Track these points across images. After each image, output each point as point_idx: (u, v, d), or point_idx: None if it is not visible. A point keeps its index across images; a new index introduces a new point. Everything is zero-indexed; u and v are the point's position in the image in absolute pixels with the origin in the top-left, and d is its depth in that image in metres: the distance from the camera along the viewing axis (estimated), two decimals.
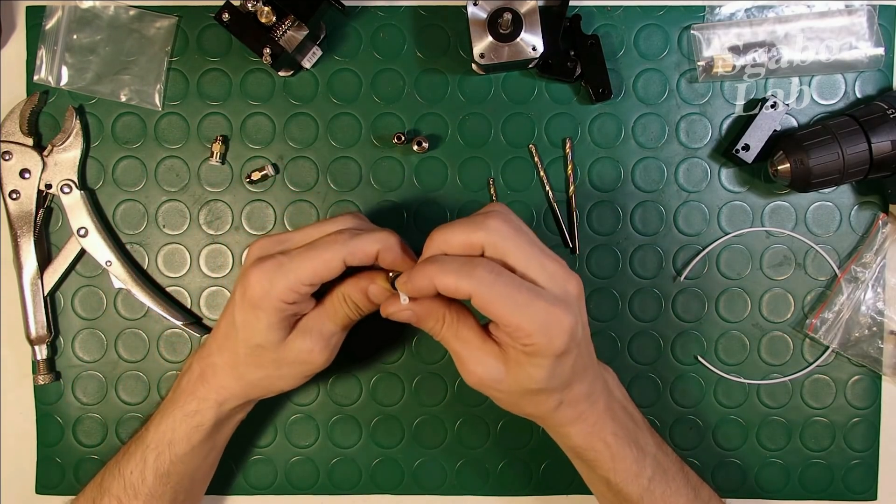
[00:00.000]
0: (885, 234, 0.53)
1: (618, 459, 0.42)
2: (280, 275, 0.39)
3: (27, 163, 0.52)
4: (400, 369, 0.54)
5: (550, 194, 0.53)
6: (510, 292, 0.36)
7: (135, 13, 0.53)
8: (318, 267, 0.39)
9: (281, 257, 0.40)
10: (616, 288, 0.54)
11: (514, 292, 0.36)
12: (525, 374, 0.38)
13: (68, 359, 0.54)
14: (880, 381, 0.54)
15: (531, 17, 0.48)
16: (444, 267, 0.37)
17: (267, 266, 0.39)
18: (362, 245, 0.40)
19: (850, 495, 0.54)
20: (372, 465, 0.55)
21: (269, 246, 0.41)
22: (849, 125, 0.49)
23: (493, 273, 0.36)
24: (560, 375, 0.39)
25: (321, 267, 0.39)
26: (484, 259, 0.37)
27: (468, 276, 0.36)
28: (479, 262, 0.37)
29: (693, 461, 0.54)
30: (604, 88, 0.52)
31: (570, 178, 0.53)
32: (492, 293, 0.36)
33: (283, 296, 0.39)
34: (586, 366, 0.41)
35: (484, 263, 0.37)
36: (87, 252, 0.53)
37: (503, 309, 0.36)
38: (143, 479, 0.45)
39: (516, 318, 0.36)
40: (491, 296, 0.36)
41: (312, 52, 0.52)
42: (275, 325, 0.41)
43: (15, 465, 0.55)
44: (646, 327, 0.54)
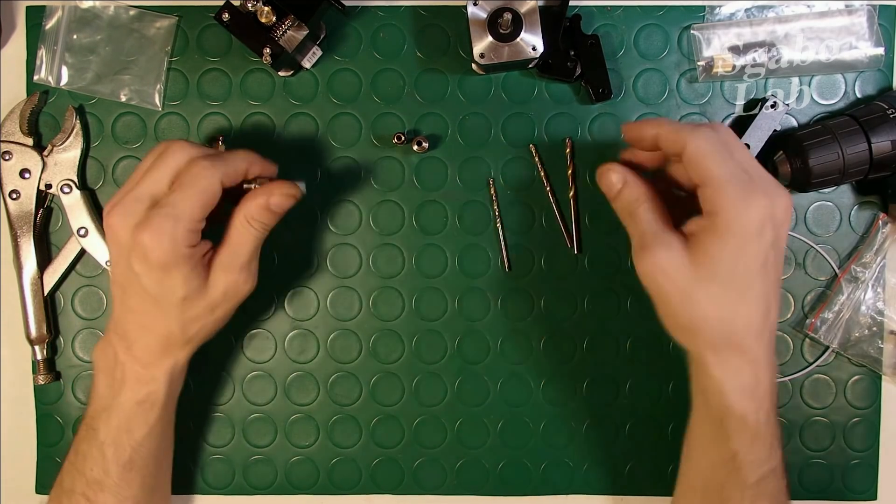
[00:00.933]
0: (885, 234, 0.53)
1: (757, 441, 0.40)
2: (172, 223, 0.40)
3: (27, 163, 0.52)
4: (400, 369, 0.54)
5: (551, 194, 0.53)
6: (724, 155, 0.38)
7: (135, 13, 0.53)
8: (203, 198, 0.41)
9: (163, 209, 0.40)
10: (616, 288, 0.54)
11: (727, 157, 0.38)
12: (706, 255, 0.38)
13: (68, 359, 0.54)
14: (880, 381, 0.54)
15: (531, 17, 0.48)
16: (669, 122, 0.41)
17: (155, 222, 0.40)
18: (233, 165, 0.42)
19: (850, 495, 0.54)
20: (372, 465, 0.55)
21: (132, 207, 0.41)
22: (849, 125, 0.49)
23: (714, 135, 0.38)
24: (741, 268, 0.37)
25: (206, 197, 0.41)
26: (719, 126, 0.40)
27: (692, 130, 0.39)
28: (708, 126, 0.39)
29: None
30: (604, 88, 0.52)
31: (571, 178, 0.53)
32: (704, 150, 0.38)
33: (186, 240, 0.40)
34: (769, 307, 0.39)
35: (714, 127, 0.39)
36: (87, 252, 0.53)
37: (710, 166, 0.37)
38: (107, 472, 0.44)
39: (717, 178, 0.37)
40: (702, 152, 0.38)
41: (312, 52, 0.52)
42: (190, 273, 0.41)
43: (15, 465, 0.55)
44: (646, 327, 0.54)
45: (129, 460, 0.45)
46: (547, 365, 0.54)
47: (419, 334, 0.54)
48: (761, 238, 0.37)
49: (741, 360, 0.39)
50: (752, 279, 0.38)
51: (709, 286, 0.38)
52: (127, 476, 0.45)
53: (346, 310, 0.54)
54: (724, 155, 0.38)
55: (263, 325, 0.54)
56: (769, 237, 0.37)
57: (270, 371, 0.55)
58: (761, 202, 0.37)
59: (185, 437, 0.53)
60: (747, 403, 0.40)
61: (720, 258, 0.37)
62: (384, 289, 0.54)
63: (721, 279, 0.38)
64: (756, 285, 0.38)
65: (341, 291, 0.54)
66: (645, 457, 0.54)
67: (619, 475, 0.54)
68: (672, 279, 0.39)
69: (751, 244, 0.37)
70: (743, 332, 0.39)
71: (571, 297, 0.54)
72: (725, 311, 0.38)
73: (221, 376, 0.54)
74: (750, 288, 0.38)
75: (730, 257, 0.37)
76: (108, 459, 0.44)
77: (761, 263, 0.38)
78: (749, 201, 0.37)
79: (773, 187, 0.38)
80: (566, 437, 0.55)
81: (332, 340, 0.54)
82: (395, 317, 0.54)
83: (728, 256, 0.37)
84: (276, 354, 0.54)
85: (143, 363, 0.44)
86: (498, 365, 0.54)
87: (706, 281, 0.38)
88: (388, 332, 0.54)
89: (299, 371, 0.54)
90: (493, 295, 0.54)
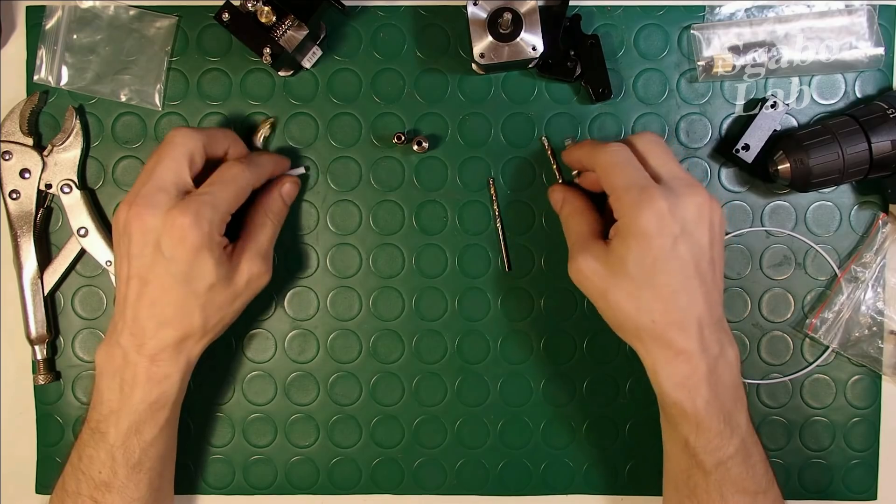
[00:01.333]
0: (885, 234, 0.53)
1: (702, 428, 0.42)
2: (211, 209, 0.42)
3: (27, 163, 0.52)
4: (400, 369, 0.54)
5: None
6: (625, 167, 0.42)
7: (135, 13, 0.53)
8: (238, 196, 0.45)
9: (202, 195, 0.43)
10: None
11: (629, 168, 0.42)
12: (617, 257, 0.42)
13: (68, 359, 0.54)
14: (880, 381, 0.54)
15: (531, 17, 0.48)
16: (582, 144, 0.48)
17: (194, 206, 0.42)
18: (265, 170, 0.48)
19: (850, 495, 0.54)
20: (372, 465, 0.55)
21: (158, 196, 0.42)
22: (849, 125, 0.49)
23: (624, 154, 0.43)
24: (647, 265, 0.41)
25: (240, 195, 0.45)
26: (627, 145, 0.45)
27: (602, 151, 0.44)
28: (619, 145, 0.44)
29: None
30: (604, 88, 0.52)
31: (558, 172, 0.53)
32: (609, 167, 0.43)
33: (218, 229, 0.43)
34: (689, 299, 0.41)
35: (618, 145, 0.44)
36: (87, 252, 0.53)
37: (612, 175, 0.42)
38: (115, 474, 0.44)
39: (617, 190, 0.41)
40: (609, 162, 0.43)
41: (312, 52, 0.52)
42: (219, 259, 0.43)
43: (15, 465, 0.55)
44: None
45: (139, 462, 0.45)
46: (547, 365, 0.54)
47: (419, 334, 0.54)
48: (662, 236, 0.40)
49: (668, 352, 0.42)
50: (660, 275, 0.41)
51: (621, 284, 0.42)
52: (135, 477, 0.45)
53: (346, 310, 0.54)
54: (627, 166, 0.42)
55: (263, 325, 0.54)
56: (671, 234, 0.40)
57: (270, 371, 0.55)
58: (657, 204, 0.40)
59: (186, 437, 0.53)
60: (680, 392, 0.42)
61: (627, 258, 0.41)
62: (384, 289, 0.54)
63: (632, 277, 0.41)
64: (667, 280, 0.41)
65: (341, 291, 0.54)
66: (645, 457, 0.54)
67: (619, 475, 0.54)
68: (591, 281, 0.43)
69: (652, 242, 0.40)
70: (663, 324, 0.41)
71: (571, 297, 0.54)
72: (640, 306, 0.41)
73: (221, 376, 0.54)
74: (660, 283, 0.41)
75: (635, 256, 0.41)
76: (118, 462, 0.44)
77: (669, 259, 0.40)
78: (643, 205, 0.40)
79: (682, 188, 0.41)
80: (566, 437, 0.55)
81: (332, 340, 0.54)
82: (395, 317, 0.54)
83: (633, 256, 0.41)
84: (276, 354, 0.54)
85: (157, 361, 0.44)
86: (498, 365, 0.54)
87: (619, 279, 0.42)
88: (388, 332, 0.54)
89: (299, 371, 0.54)
90: (493, 295, 0.54)
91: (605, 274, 0.42)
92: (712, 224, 0.42)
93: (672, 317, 0.41)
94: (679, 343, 0.41)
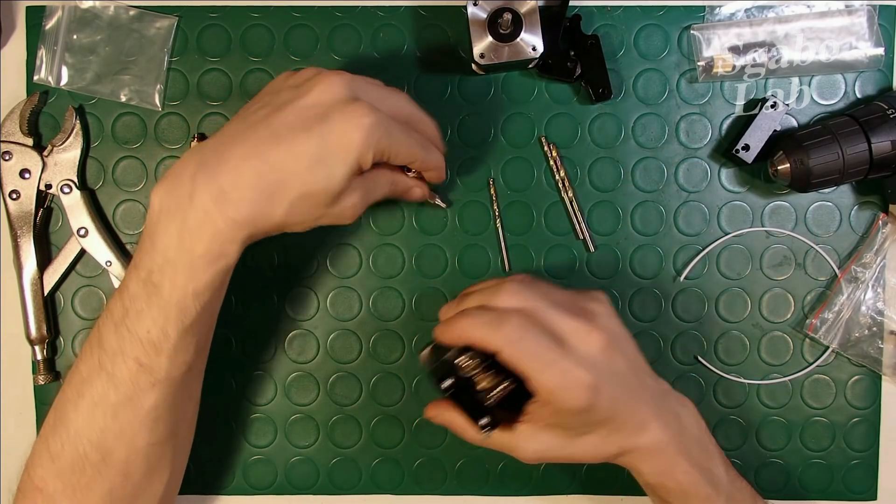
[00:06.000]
0: (885, 234, 0.53)
1: (690, 497, 0.43)
2: (386, 132, 0.39)
3: (27, 163, 0.52)
4: (400, 369, 0.54)
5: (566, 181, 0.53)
6: (536, 350, 0.39)
7: (135, 13, 0.53)
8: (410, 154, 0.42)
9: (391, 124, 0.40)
10: (616, 288, 0.54)
11: (540, 351, 0.39)
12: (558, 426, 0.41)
13: (68, 359, 0.54)
14: (880, 381, 0.54)
15: (531, 17, 0.48)
16: (474, 321, 0.40)
17: (380, 119, 0.39)
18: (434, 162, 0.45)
19: (850, 495, 0.54)
20: (372, 465, 0.55)
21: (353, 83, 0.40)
22: (849, 125, 0.49)
23: (520, 329, 0.38)
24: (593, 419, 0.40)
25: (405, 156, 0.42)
26: (515, 314, 0.39)
27: (497, 330, 0.39)
28: (509, 317, 0.39)
29: None
30: (604, 88, 0.52)
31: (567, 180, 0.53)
32: (518, 351, 0.38)
33: (376, 156, 0.40)
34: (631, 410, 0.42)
35: (513, 319, 0.39)
36: (87, 252, 0.53)
37: (528, 366, 0.38)
38: (166, 335, 0.39)
39: (542, 377, 0.38)
40: (517, 353, 0.38)
41: None
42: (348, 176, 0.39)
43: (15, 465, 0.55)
44: (646, 327, 0.54)
45: (192, 323, 0.40)
46: None
47: (419, 334, 0.54)
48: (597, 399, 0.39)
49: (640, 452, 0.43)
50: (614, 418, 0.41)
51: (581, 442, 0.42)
52: (185, 339, 0.40)
53: (346, 310, 0.54)
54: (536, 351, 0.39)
55: (263, 325, 0.54)
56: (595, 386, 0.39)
57: (270, 371, 0.55)
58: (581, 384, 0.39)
59: None
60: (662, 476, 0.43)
61: (573, 425, 0.41)
62: (384, 289, 0.54)
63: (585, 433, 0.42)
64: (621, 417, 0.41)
65: (341, 291, 0.54)
66: None
67: (620, 475, 0.54)
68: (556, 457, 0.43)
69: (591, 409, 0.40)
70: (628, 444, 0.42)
71: None
72: (606, 445, 0.42)
73: (221, 377, 0.54)
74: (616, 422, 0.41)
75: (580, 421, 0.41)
76: (170, 321, 0.39)
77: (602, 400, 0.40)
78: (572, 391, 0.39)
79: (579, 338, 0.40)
80: None
81: (332, 340, 0.54)
82: (395, 317, 0.54)
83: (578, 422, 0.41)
84: (276, 354, 0.54)
85: (228, 218, 0.38)
86: None
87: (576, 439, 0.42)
88: (388, 332, 0.54)
89: (299, 371, 0.55)
90: None
91: (561, 444, 0.42)
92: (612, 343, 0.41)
93: (630, 428, 0.42)
94: (644, 440, 0.42)
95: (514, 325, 0.39)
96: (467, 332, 0.40)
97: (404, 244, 0.54)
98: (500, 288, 0.41)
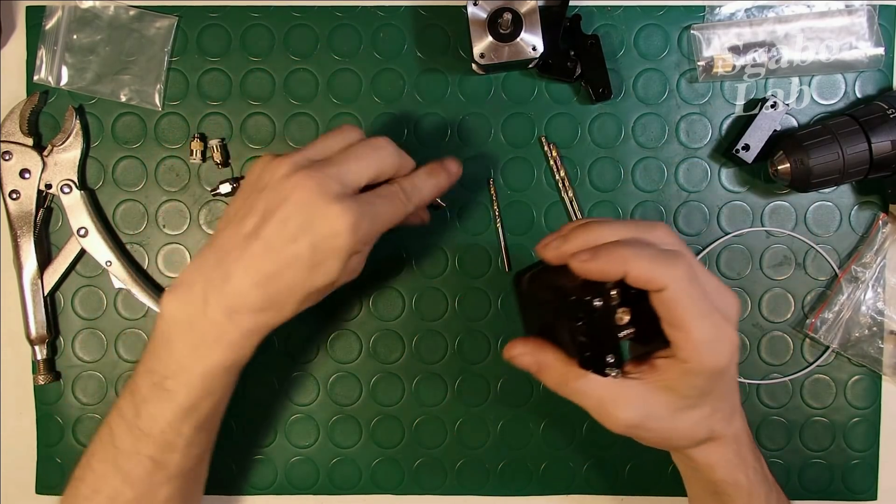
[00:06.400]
0: (885, 234, 0.53)
1: (753, 496, 0.42)
2: (367, 223, 0.39)
3: (27, 163, 0.52)
4: (400, 369, 0.54)
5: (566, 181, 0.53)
6: (699, 296, 0.35)
7: (135, 13, 0.53)
8: (396, 217, 0.42)
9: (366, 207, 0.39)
10: None
11: (701, 298, 0.35)
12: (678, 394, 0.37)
13: (68, 359, 0.54)
14: (880, 381, 0.54)
15: (531, 17, 0.48)
16: (640, 252, 0.34)
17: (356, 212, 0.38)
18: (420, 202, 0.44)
19: (850, 495, 0.54)
20: (372, 465, 0.55)
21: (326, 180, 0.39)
22: (849, 125, 0.49)
23: (690, 271, 0.35)
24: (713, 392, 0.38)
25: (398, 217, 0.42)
26: (682, 254, 0.36)
27: (671, 266, 0.34)
28: (681, 256, 0.35)
29: None
30: (604, 88, 0.52)
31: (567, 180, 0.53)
32: (683, 293, 0.34)
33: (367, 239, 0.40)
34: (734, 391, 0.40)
35: (685, 259, 0.35)
36: (87, 252, 0.53)
37: (687, 312, 0.35)
38: (180, 434, 0.42)
39: (695, 325, 0.35)
40: (680, 296, 0.34)
41: None
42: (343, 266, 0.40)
43: (15, 465, 0.55)
44: None
45: (205, 420, 0.42)
46: None
47: (419, 334, 0.54)
48: (732, 365, 0.37)
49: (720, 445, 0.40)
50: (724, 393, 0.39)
51: (685, 416, 0.38)
52: (198, 436, 0.43)
53: (346, 310, 0.54)
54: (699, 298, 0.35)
55: None
56: (736, 357, 0.37)
57: (270, 372, 0.54)
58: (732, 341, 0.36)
59: None
60: (736, 471, 0.41)
61: (692, 394, 0.37)
62: (384, 289, 0.54)
63: (695, 406, 0.38)
64: (727, 394, 0.39)
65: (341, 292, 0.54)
66: (645, 457, 0.54)
67: (619, 475, 0.54)
68: (650, 429, 0.38)
69: (723, 375, 0.37)
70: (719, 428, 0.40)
71: None
72: (703, 425, 0.39)
73: None
74: (722, 399, 0.39)
75: (702, 390, 0.37)
76: (185, 422, 0.41)
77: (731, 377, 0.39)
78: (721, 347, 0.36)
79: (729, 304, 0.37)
80: (566, 437, 0.54)
81: (332, 340, 0.54)
82: (395, 317, 0.54)
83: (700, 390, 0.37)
84: (275, 355, 0.54)
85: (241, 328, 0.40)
86: (498, 365, 0.54)
87: (682, 412, 0.38)
88: (388, 332, 0.54)
89: (299, 371, 0.54)
90: (493, 295, 0.54)
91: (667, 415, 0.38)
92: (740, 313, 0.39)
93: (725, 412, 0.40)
94: (731, 429, 0.40)
95: (686, 265, 0.35)
96: (630, 262, 0.34)
97: (404, 244, 0.54)
98: (654, 226, 0.37)
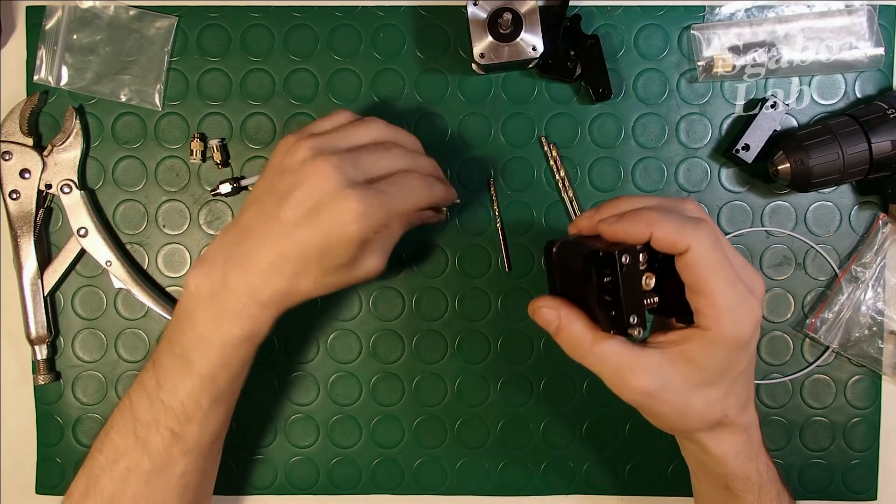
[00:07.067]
0: (885, 234, 0.53)
1: (764, 492, 0.41)
2: (382, 212, 0.40)
3: (27, 163, 0.52)
4: (400, 369, 0.54)
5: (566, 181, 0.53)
6: (724, 263, 0.35)
7: (135, 13, 0.53)
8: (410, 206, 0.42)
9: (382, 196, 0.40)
10: None
11: (727, 265, 0.35)
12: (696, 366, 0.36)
13: (68, 359, 0.54)
14: (880, 381, 0.54)
15: (531, 17, 0.48)
16: (667, 215, 0.35)
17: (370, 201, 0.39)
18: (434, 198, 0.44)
19: (850, 495, 0.54)
20: (372, 465, 0.55)
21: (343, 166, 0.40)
22: (849, 125, 0.49)
23: (715, 236, 0.35)
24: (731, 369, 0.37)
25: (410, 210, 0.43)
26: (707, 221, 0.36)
27: (694, 229, 0.34)
28: (705, 222, 0.36)
29: None
30: (604, 88, 0.52)
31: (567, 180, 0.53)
32: (707, 258, 0.34)
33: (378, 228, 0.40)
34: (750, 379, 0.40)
35: (709, 224, 0.36)
36: (87, 252, 0.53)
37: (713, 278, 0.34)
38: (199, 406, 0.43)
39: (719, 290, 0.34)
40: (705, 260, 0.34)
41: None
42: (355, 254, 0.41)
43: (15, 465, 0.55)
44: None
45: (222, 394, 0.43)
46: (547, 365, 0.54)
47: (419, 334, 0.54)
48: (753, 341, 0.37)
49: (733, 433, 0.40)
50: (741, 374, 0.38)
51: (701, 392, 0.37)
52: (216, 409, 0.44)
53: (346, 310, 0.54)
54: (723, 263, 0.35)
55: None
56: (757, 335, 0.37)
57: (270, 371, 0.54)
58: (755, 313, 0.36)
59: None
60: (747, 464, 0.41)
61: (711, 367, 0.37)
62: (384, 289, 0.54)
63: (713, 382, 0.37)
64: (743, 377, 0.39)
65: (341, 292, 0.54)
66: (645, 457, 0.54)
67: (619, 475, 0.54)
68: (664, 400, 0.37)
69: (744, 349, 0.37)
70: (733, 413, 0.39)
71: None
72: (718, 406, 0.38)
73: None
74: (738, 381, 0.38)
75: (721, 364, 0.37)
76: (203, 394, 0.42)
77: (750, 358, 0.38)
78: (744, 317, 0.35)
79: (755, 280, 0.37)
80: (566, 437, 0.55)
81: (332, 340, 0.54)
82: (395, 317, 0.54)
83: (719, 364, 0.37)
84: (275, 355, 0.54)
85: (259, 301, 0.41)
86: (498, 365, 0.54)
87: (699, 388, 0.37)
88: (388, 332, 0.54)
89: (299, 371, 0.54)
90: (493, 295, 0.54)
91: (682, 387, 0.37)
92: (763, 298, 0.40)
93: (739, 398, 0.39)
94: (741, 422, 0.40)
95: (710, 229, 0.35)
96: (655, 223, 0.35)
97: (404, 244, 0.54)
98: (683, 200, 0.38)
